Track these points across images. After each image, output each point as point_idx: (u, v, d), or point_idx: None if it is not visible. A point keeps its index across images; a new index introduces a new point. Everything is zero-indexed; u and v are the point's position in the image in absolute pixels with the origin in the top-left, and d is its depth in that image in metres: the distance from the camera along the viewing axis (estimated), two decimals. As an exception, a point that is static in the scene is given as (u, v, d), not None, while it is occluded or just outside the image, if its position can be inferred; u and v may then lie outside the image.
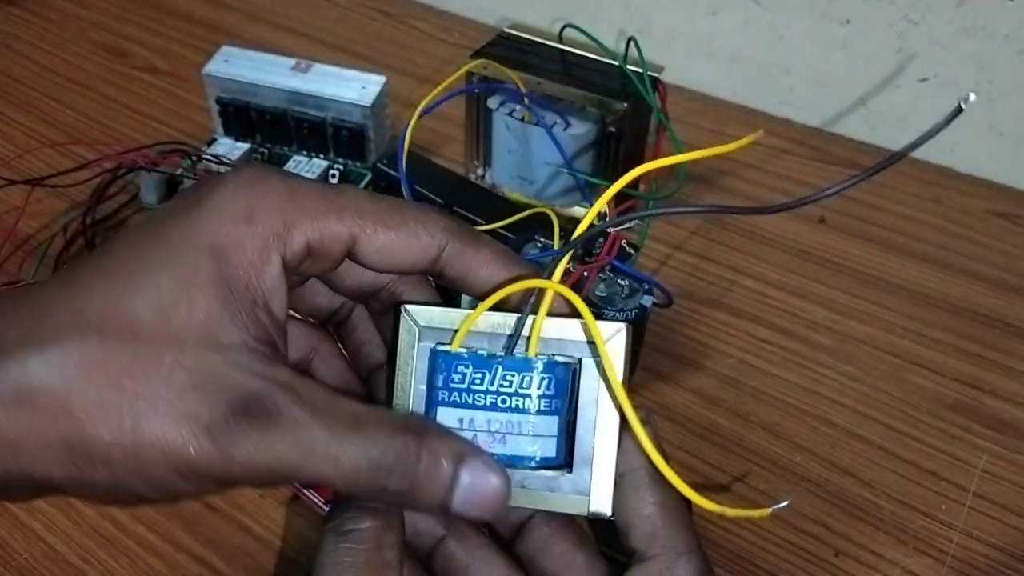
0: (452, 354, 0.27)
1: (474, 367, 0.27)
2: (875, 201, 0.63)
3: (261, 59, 0.60)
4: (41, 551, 0.39)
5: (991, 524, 0.43)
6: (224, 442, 0.22)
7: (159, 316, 0.23)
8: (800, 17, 0.67)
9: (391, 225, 0.26)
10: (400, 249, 0.26)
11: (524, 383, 0.27)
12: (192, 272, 0.23)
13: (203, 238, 0.24)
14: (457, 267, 0.27)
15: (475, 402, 0.27)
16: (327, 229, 0.25)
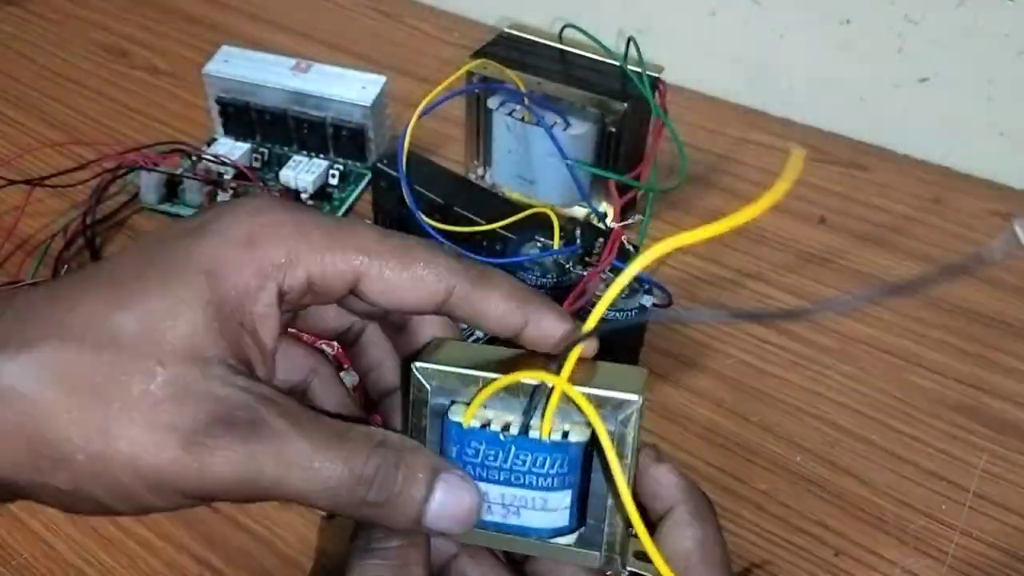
0: (465, 429, 0.27)
1: (487, 445, 0.27)
2: (875, 201, 0.63)
3: (261, 59, 0.60)
4: (41, 551, 0.39)
5: (991, 524, 0.43)
6: (200, 453, 0.22)
7: (144, 328, 0.23)
8: (800, 17, 0.67)
9: (397, 266, 0.26)
10: (405, 291, 0.26)
11: (537, 463, 0.27)
12: (183, 289, 0.23)
13: (201, 259, 0.24)
14: (465, 309, 0.27)
15: (489, 476, 0.27)
16: (331, 265, 0.25)
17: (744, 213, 0.24)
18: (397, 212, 0.54)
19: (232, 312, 0.24)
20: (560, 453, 0.26)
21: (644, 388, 0.27)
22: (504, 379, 0.26)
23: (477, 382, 0.27)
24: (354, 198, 0.59)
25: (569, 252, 0.45)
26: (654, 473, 0.27)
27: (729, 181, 0.64)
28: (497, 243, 0.49)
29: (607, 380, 0.27)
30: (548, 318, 0.28)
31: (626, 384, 0.27)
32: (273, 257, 0.25)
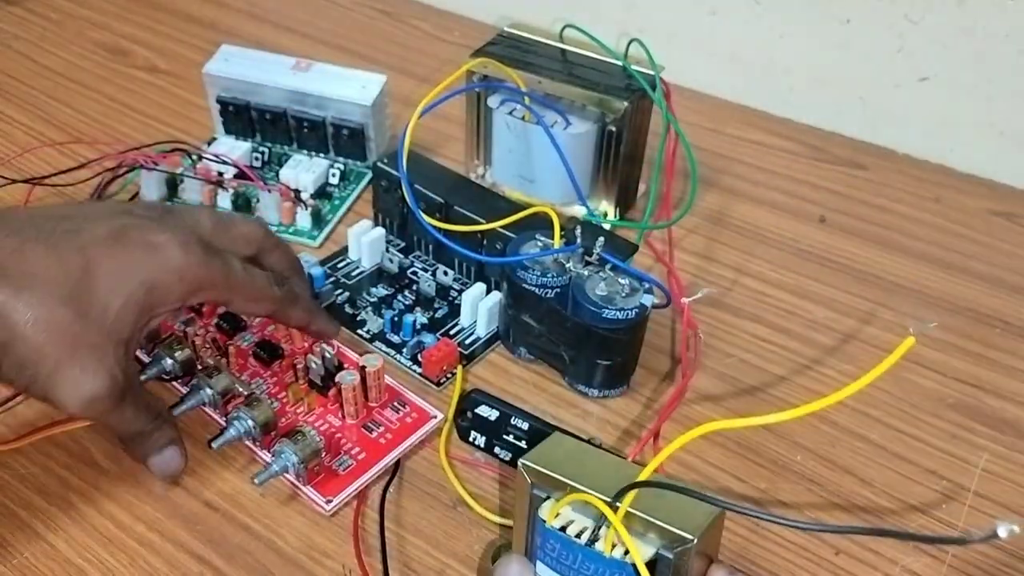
0: (547, 527, 0.31)
1: (562, 546, 0.31)
2: (875, 201, 0.63)
3: (261, 58, 0.60)
4: (41, 550, 0.39)
5: (991, 524, 0.43)
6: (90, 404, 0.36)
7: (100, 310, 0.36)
8: (800, 17, 0.67)
9: (249, 299, 0.41)
10: (250, 311, 0.45)
11: (599, 572, 0.30)
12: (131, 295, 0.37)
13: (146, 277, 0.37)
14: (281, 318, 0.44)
15: (562, 571, 0.31)
16: (215, 296, 0.40)
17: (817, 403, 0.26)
18: (398, 211, 0.54)
19: (150, 312, 0.38)
20: (618, 569, 0.30)
21: (707, 528, 0.30)
22: (570, 496, 0.31)
23: (564, 488, 0.31)
24: (354, 197, 0.59)
25: (569, 251, 0.45)
26: None
27: (729, 181, 0.64)
28: (497, 242, 0.49)
29: (675, 511, 0.30)
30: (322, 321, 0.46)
31: (689, 520, 0.29)
32: (190, 289, 0.38)
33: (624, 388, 0.48)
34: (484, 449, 0.44)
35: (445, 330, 0.50)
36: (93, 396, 0.36)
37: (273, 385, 0.46)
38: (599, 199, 0.57)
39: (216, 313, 0.49)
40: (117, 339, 0.36)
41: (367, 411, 0.45)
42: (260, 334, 0.48)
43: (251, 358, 0.47)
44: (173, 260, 0.38)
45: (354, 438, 0.43)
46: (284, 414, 0.44)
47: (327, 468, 0.42)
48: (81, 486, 0.42)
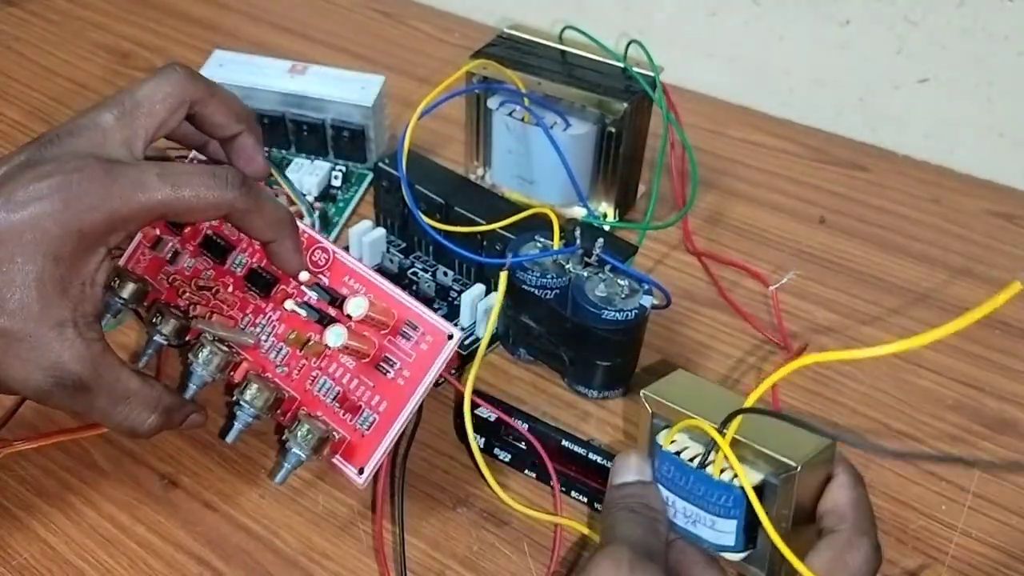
0: (663, 451, 0.34)
1: (675, 469, 0.34)
2: (875, 201, 0.63)
3: (256, 62, 0.60)
4: (41, 550, 0.39)
5: (991, 524, 0.43)
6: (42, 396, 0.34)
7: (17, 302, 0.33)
8: (800, 17, 0.67)
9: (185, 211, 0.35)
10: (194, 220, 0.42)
11: (709, 493, 0.32)
12: (40, 272, 0.33)
13: (46, 247, 0.33)
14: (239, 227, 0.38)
15: (676, 491, 0.34)
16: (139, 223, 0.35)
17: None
18: (398, 212, 0.54)
19: (74, 278, 0.34)
20: (726, 491, 0.32)
21: (815, 456, 0.32)
22: (683, 423, 0.33)
23: (680, 417, 0.34)
24: (357, 199, 0.59)
25: (569, 252, 0.45)
26: (833, 493, 0.33)
27: (729, 182, 0.64)
28: (497, 243, 0.49)
29: (786, 439, 0.32)
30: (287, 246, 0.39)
31: (797, 448, 0.32)
32: (99, 235, 0.34)
33: (623, 389, 0.48)
34: (483, 450, 0.43)
35: (445, 331, 0.50)
36: (42, 387, 0.33)
37: (278, 321, 0.41)
38: (599, 200, 0.57)
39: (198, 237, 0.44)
40: (54, 322, 0.33)
41: (379, 344, 0.39)
42: (252, 251, 0.43)
43: (248, 291, 0.42)
44: (67, 213, 0.33)
45: (371, 383, 0.39)
46: (290, 380, 0.40)
47: (351, 431, 0.39)
48: (80, 487, 0.42)
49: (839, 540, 0.32)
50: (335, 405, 0.40)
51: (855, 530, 0.32)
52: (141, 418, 0.37)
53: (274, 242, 0.39)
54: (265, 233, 0.38)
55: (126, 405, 0.36)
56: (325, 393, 0.40)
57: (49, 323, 0.33)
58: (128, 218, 0.34)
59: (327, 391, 0.40)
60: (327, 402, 0.40)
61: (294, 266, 0.40)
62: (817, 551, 0.32)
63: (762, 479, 0.32)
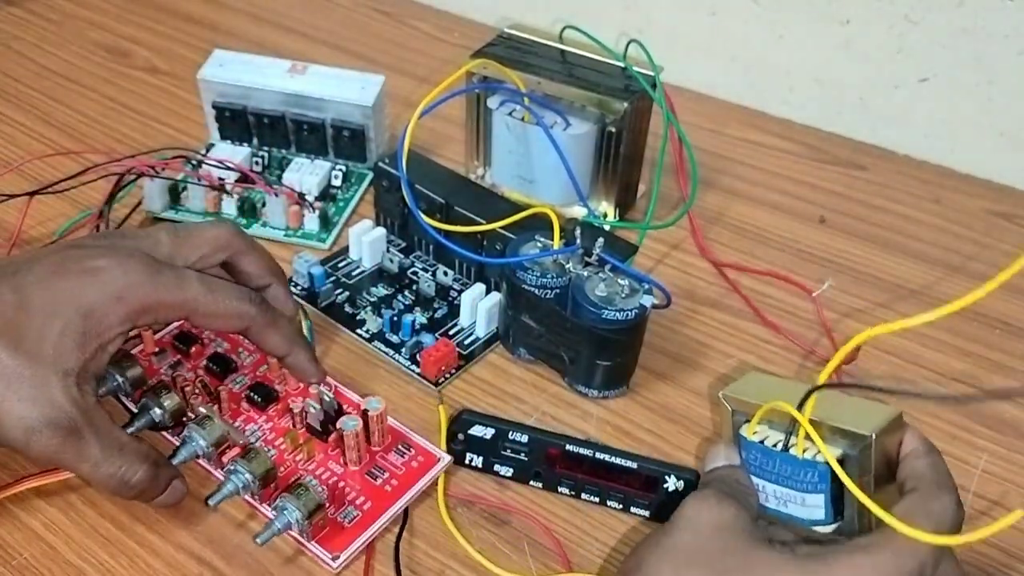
0: (748, 440, 0.37)
1: (761, 455, 0.36)
2: (875, 201, 0.63)
3: (256, 62, 0.60)
4: (41, 550, 0.39)
5: (991, 524, 0.43)
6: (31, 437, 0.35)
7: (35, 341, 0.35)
8: (800, 17, 0.67)
9: (210, 315, 0.39)
10: (216, 328, 0.41)
11: (795, 473, 0.35)
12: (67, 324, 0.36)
13: (81, 303, 0.36)
14: (255, 340, 0.42)
15: (765, 476, 0.37)
16: (169, 314, 0.39)
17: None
18: (398, 211, 0.54)
19: (93, 337, 0.36)
20: (811, 467, 0.35)
21: (885, 426, 0.34)
22: (765, 407, 0.36)
23: (757, 408, 0.36)
24: (357, 199, 0.59)
25: (569, 252, 0.45)
26: (908, 463, 0.35)
27: (729, 181, 0.64)
28: (497, 243, 0.49)
29: (855, 414, 0.35)
30: (301, 356, 0.43)
31: (867, 421, 0.34)
32: (133, 310, 0.37)
33: (624, 389, 0.48)
34: (482, 469, 0.43)
35: (444, 330, 0.50)
36: (33, 427, 0.35)
37: (269, 431, 0.44)
38: (599, 200, 0.57)
39: (205, 355, 0.47)
40: (60, 369, 0.35)
41: (370, 456, 0.42)
42: (253, 375, 0.46)
43: (244, 402, 0.45)
44: (111, 283, 0.37)
45: (358, 486, 0.41)
46: (283, 462, 0.42)
47: (332, 521, 0.40)
48: (81, 487, 0.42)
49: (920, 494, 0.33)
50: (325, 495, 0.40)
51: (934, 485, 0.34)
52: (133, 469, 0.37)
53: (289, 355, 0.43)
54: (280, 347, 0.42)
55: (119, 455, 0.37)
56: None
57: (56, 368, 0.35)
58: (164, 305, 0.38)
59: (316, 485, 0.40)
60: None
61: (311, 374, 0.44)
62: (899, 505, 0.33)
63: (841, 453, 0.35)
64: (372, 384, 0.47)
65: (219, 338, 0.48)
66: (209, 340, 0.48)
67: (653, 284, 0.45)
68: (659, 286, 0.46)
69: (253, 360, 0.47)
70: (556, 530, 0.41)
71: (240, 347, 0.48)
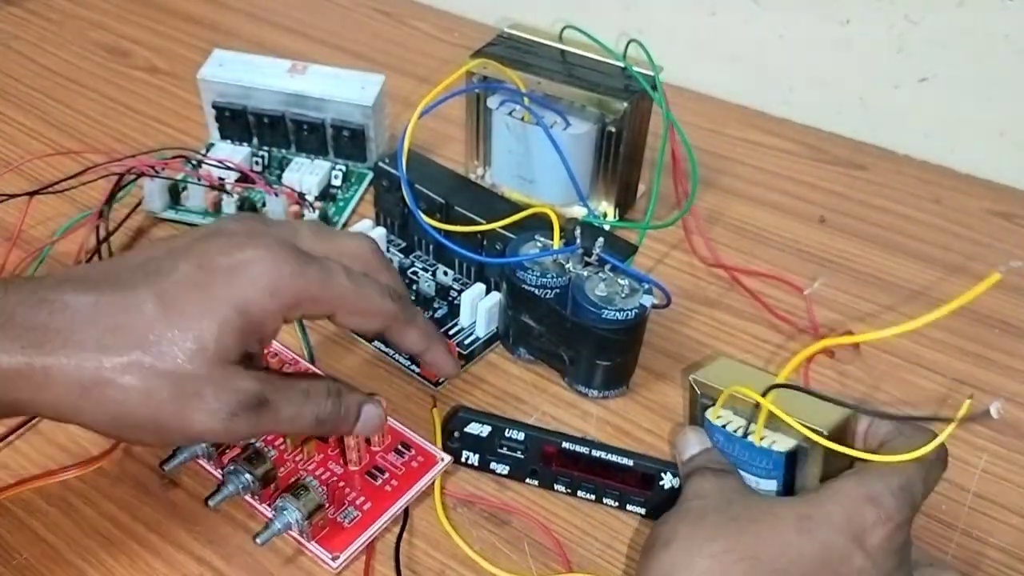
0: (712, 424, 0.39)
1: (723, 439, 0.39)
2: (875, 201, 0.63)
3: (256, 62, 0.60)
4: (41, 551, 0.39)
5: (991, 524, 0.43)
6: (229, 423, 0.35)
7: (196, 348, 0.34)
8: (800, 17, 0.67)
9: (356, 311, 0.39)
10: (359, 326, 0.40)
11: (752, 458, 0.38)
12: (222, 320, 0.34)
13: (235, 299, 0.35)
14: (394, 338, 0.41)
15: (728, 458, 0.39)
16: (317, 309, 0.38)
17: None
18: (398, 211, 0.54)
19: (253, 332, 0.36)
20: (767, 455, 0.37)
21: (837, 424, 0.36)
22: (725, 392, 0.38)
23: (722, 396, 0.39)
24: (357, 199, 0.59)
25: (569, 252, 0.45)
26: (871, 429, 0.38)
27: (728, 181, 0.64)
28: (497, 243, 0.49)
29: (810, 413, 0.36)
30: (440, 351, 0.43)
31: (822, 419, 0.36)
32: (286, 304, 0.36)
33: (624, 389, 0.48)
34: (478, 467, 0.43)
35: (444, 330, 0.50)
36: (227, 416, 0.34)
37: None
38: (599, 200, 0.57)
39: None
40: (226, 363, 0.35)
41: (370, 457, 0.43)
42: None
43: None
44: (263, 276, 0.35)
45: (358, 487, 0.41)
46: (283, 463, 0.42)
47: (332, 521, 0.40)
48: (80, 487, 0.42)
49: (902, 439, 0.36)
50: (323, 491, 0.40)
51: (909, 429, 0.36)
52: (323, 407, 0.38)
53: (427, 351, 0.43)
54: (419, 344, 0.42)
55: (310, 401, 0.37)
56: None
57: (220, 361, 0.34)
58: (315, 299, 0.37)
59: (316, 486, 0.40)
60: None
61: (450, 369, 0.45)
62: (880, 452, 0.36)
63: (795, 445, 0.37)
64: (372, 384, 0.47)
65: None
66: None
67: (653, 284, 0.45)
68: (659, 286, 0.46)
69: None
70: (556, 530, 0.41)
71: None
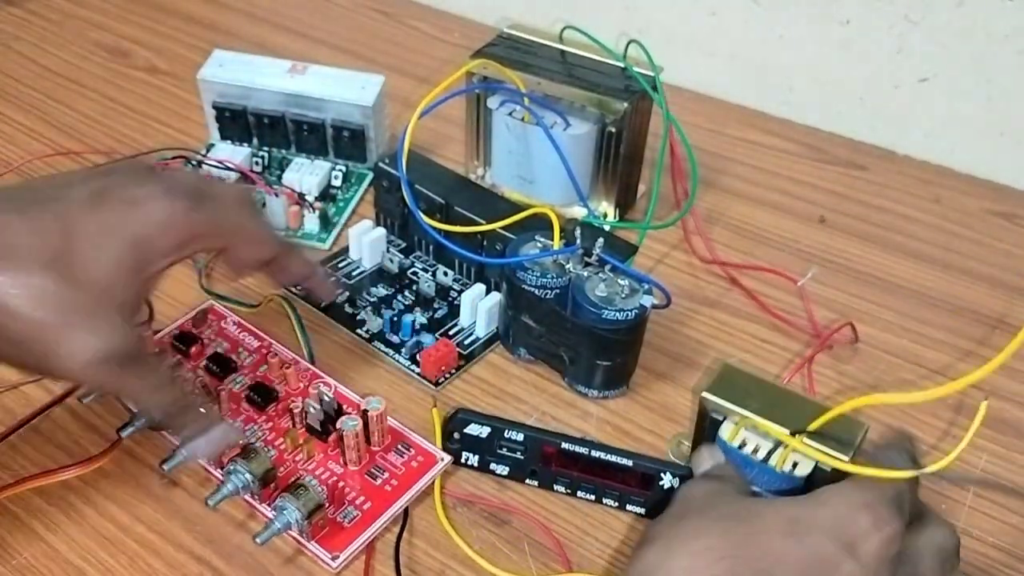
0: (728, 444, 0.39)
1: (741, 460, 0.39)
2: (875, 201, 0.63)
3: (256, 62, 0.60)
4: (41, 550, 0.39)
5: (991, 524, 0.43)
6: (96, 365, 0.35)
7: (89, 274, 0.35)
8: (800, 17, 0.67)
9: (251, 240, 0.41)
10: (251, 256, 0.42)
11: (771, 480, 0.39)
12: (117, 255, 0.35)
13: (132, 233, 0.36)
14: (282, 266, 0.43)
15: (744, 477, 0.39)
16: (212, 242, 0.40)
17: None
18: (398, 211, 0.54)
19: (147, 267, 0.37)
20: (788, 480, 0.38)
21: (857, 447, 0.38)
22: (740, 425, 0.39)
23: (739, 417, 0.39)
24: (357, 199, 0.59)
25: (569, 252, 0.45)
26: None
27: (728, 181, 0.64)
28: (497, 243, 0.49)
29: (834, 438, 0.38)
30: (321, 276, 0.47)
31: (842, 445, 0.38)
32: (181, 239, 0.37)
33: (624, 389, 0.48)
34: (478, 468, 0.43)
35: (444, 330, 0.50)
36: (95, 357, 0.34)
37: (269, 431, 0.44)
38: (599, 200, 0.57)
39: (205, 355, 0.46)
40: (112, 302, 0.35)
41: (370, 456, 0.42)
42: (252, 375, 0.46)
43: (244, 402, 0.45)
44: (157, 212, 0.36)
45: (358, 486, 0.41)
46: (282, 462, 0.42)
47: (331, 521, 0.40)
48: (81, 487, 0.42)
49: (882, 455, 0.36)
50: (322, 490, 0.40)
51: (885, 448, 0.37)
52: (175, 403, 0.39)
53: (311, 276, 0.46)
54: (304, 269, 0.45)
55: (168, 390, 0.38)
56: None
57: (113, 298, 0.35)
58: (212, 231, 0.39)
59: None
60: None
61: (330, 292, 0.48)
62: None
63: (814, 467, 0.38)
64: (372, 384, 0.47)
65: (219, 338, 0.48)
66: (209, 340, 0.48)
67: (653, 284, 0.45)
68: (659, 286, 0.46)
69: (253, 360, 0.47)
70: (556, 530, 0.41)
71: (240, 347, 0.48)
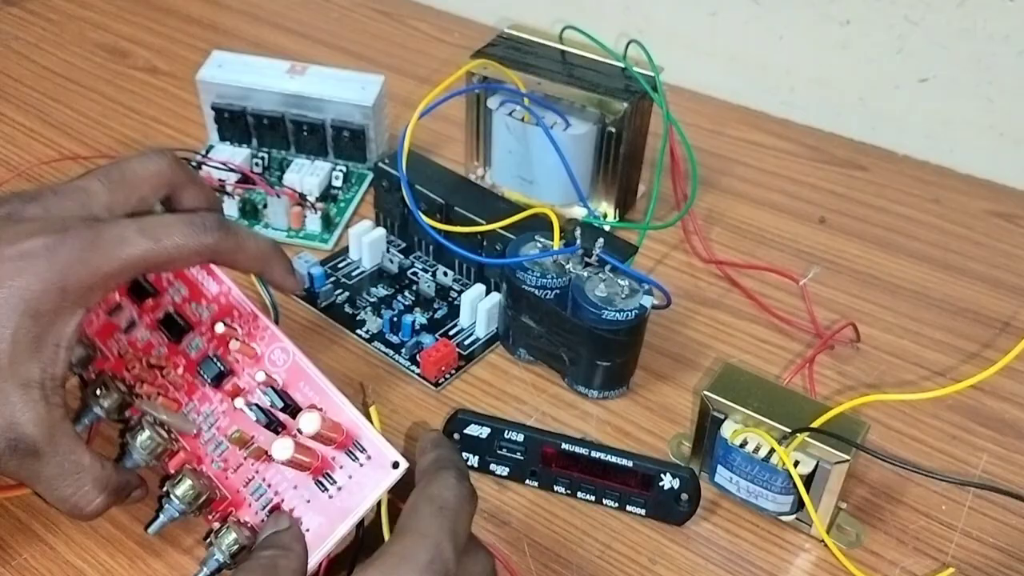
0: (729, 444, 0.40)
1: (742, 458, 0.40)
2: (875, 201, 0.63)
3: (255, 63, 0.60)
4: (41, 551, 0.39)
5: (991, 524, 0.43)
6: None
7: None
8: (800, 17, 0.67)
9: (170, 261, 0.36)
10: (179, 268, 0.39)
11: (773, 479, 0.40)
12: (15, 330, 0.32)
13: (27, 303, 0.33)
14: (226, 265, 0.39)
15: (740, 473, 0.40)
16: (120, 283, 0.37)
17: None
18: (398, 212, 0.54)
19: (51, 338, 0.33)
20: (788, 478, 0.39)
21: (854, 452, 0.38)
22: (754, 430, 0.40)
23: (740, 416, 0.40)
24: (358, 199, 0.59)
25: (569, 252, 0.45)
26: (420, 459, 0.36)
27: (728, 182, 0.64)
28: (497, 243, 0.49)
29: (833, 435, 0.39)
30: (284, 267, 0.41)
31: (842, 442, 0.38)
32: (80, 296, 0.34)
33: (624, 389, 0.48)
34: (478, 469, 0.43)
35: (444, 331, 0.50)
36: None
37: (223, 415, 0.39)
38: (599, 200, 0.57)
39: (162, 306, 0.40)
40: (20, 382, 0.33)
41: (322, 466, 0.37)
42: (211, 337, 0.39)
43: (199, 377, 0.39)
44: (50, 269, 0.33)
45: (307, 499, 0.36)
46: (230, 463, 0.38)
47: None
48: (81, 487, 0.42)
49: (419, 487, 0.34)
50: (265, 515, 0.37)
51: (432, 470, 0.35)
52: (88, 497, 0.35)
53: (264, 273, 0.40)
54: (253, 266, 0.40)
55: (75, 480, 0.35)
56: (258, 499, 0.37)
57: (16, 381, 0.32)
58: (110, 275, 0.35)
59: (260, 497, 0.37)
60: (257, 509, 0.37)
61: (290, 286, 0.41)
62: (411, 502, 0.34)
63: (815, 465, 0.39)
64: (372, 384, 0.47)
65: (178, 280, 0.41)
66: (167, 285, 0.40)
67: (653, 284, 0.45)
68: (659, 286, 0.46)
69: (211, 314, 0.40)
70: (556, 530, 0.41)
71: (201, 296, 0.40)
